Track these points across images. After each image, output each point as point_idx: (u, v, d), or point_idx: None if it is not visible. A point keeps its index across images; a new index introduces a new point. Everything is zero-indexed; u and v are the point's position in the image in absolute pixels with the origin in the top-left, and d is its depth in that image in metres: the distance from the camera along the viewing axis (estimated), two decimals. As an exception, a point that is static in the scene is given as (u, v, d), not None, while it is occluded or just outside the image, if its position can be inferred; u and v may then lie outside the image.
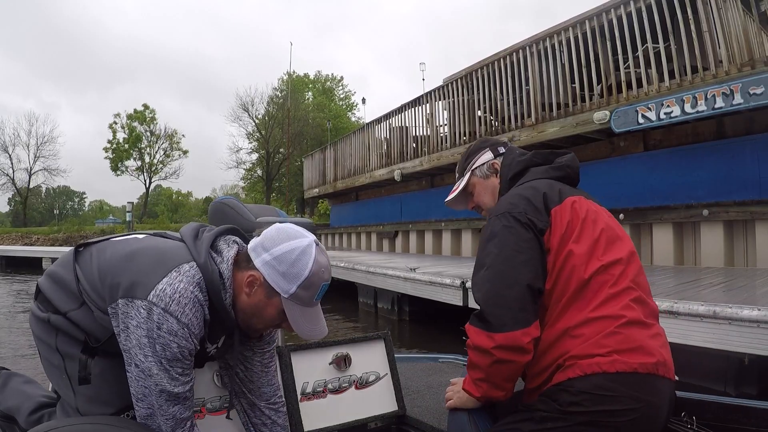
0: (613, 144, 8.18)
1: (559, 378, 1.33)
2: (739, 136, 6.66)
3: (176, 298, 1.29)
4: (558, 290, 1.39)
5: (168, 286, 1.29)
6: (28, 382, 1.84)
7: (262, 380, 1.67)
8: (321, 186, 18.51)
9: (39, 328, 1.50)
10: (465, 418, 1.52)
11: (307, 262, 1.36)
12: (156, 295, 1.28)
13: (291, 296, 1.37)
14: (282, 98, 37.82)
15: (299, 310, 1.40)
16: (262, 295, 1.39)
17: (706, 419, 1.51)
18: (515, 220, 1.43)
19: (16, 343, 6.96)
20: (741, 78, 5.93)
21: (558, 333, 1.35)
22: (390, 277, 7.40)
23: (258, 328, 1.47)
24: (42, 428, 1.27)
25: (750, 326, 3.08)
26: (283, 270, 1.36)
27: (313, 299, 1.40)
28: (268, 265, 1.37)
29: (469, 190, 1.80)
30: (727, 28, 6.26)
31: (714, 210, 6.56)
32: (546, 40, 8.53)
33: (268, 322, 1.44)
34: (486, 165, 1.77)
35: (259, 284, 1.38)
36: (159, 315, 1.27)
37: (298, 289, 1.36)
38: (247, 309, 1.41)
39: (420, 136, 12.48)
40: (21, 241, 29.02)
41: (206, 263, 1.37)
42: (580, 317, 1.35)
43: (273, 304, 1.39)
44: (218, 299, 1.37)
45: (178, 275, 1.32)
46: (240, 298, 1.41)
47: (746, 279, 4.98)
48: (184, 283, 1.31)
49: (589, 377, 1.28)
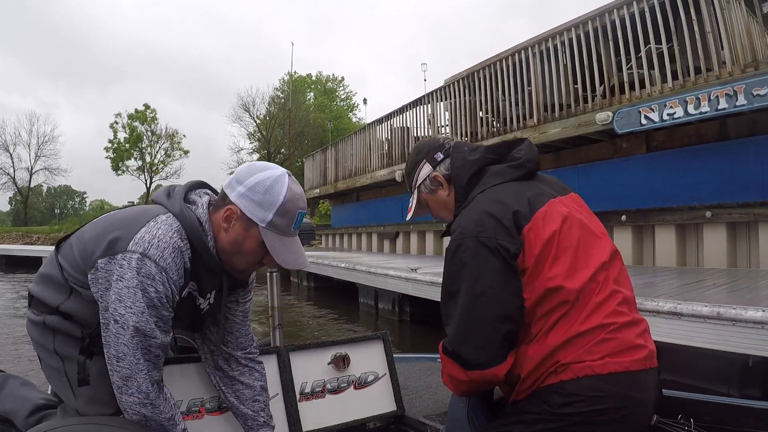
0: (615, 145, 8.15)
1: (550, 381, 1.31)
2: (742, 138, 6.63)
3: (155, 243, 1.30)
4: (543, 309, 1.33)
5: (146, 233, 1.31)
6: (25, 385, 1.83)
7: (241, 330, 1.68)
8: (322, 186, 18.51)
9: (36, 332, 1.50)
10: (464, 419, 1.51)
11: (280, 190, 1.38)
12: (135, 243, 1.30)
13: (268, 224, 1.38)
14: (283, 98, 37.87)
15: (278, 240, 1.41)
16: (240, 229, 1.40)
17: (704, 420, 1.51)
18: (484, 246, 1.33)
19: (15, 343, 6.94)
20: (744, 79, 5.90)
21: (549, 349, 1.31)
22: (391, 278, 7.38)
23: (241, 267, 1.47)
24: (40, 428, 1.26)
25: (754, 327, 3.06)
26: (258, 199, 1.38)
27: (291, 227, 1.42)
28: (243, 196, 1.39)
29: (423, 205, 1.70)
30: (730, 29, 6.24)
31: (717, 212, 6.53)
32: (548, 40, 8.51)
33: (250, 258, 1.44)
34: (428, 179, 1.63)
35: (237, 217, 1.39)
36: (137, 260, 1.28)
37: (274, 216, 1.38)
38: (227, 246, 1.42)
39: (421, 136, 12.45)
40: (21, 240, 29.08)
41: (181, 211, 1.39)
42: (571, 332, 1.30)
43: (252, 236, 1.40)
44: (201, 243, 1.38)
45: (156, 224, 1.34)
46: (219, 236, 1.42)
47: (749, 280, 4.95)
48: (163, 229, 1.33)
49: (581, 380, 1.27)
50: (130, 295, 1.28)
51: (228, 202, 1.40)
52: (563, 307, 1.31)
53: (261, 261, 1.47)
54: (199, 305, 1.52)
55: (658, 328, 3.41)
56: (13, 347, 6.72)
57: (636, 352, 1.31)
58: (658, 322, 3.41)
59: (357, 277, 8.64)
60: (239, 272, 1.51)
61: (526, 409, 1.35)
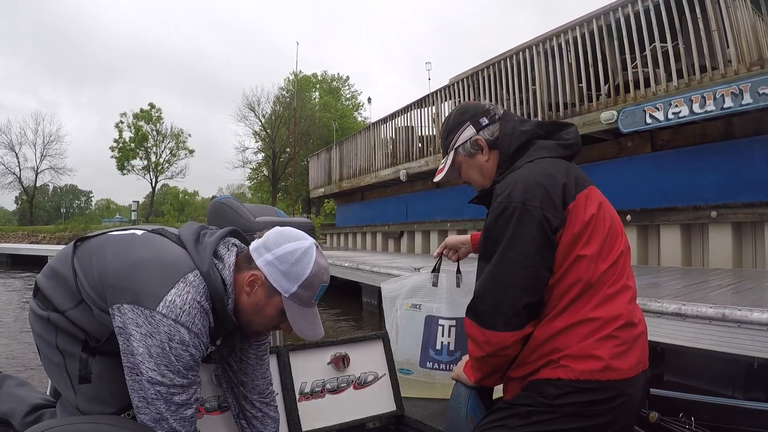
0: (620, 144, 8.12)
1: (548, 374, 1.33)
2: (748, 137, 6.58)
3: (186, 309, 1.30)
4: (561, 288, 1.36)
5: (177, 297, 1.30)
6: (22, 385, 1.83)
7: (256, 373, 1.68)
8: (326, 186, 18.52)
9: (39, 325, 1.49)
10: (463, 419, 1.53)
11: (308, 263, 1.39)
12: (166, 306, 1.29)
13: (291, 295, 1.39)
14: (288, 98, 37.93)
15: (298, 310, 1.41)
16: (262, 295, 1.40)
17: (704, 420, 1.52)
18: (529, 215, 1.34)
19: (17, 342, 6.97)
20: (750, 77, 5.86)
21: (554, 331, 1.35)
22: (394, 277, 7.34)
23: (257, 329, 1.49)
24: (38, 428, 1.25)
25: (760, 329, 3.03)
26: (284, 269, 1.38)
27: (312, 299, 1.43)
28: (270, 264, 1.39)
29: (456, 168, 1.69)
30: (736, 27, 6.20)
31: (722, 211, 6.49)
32: (552, 39, 8.48)
33: (268, 322, 1.45)
34: (469, 142, 1.62)
35: (260, 283, 1.40)
36: (170, 327, 1.28)
37: (298, 288, 1.38)
38: (248, 308, 1.42)
39: (426, 136, 12.45)
40: (27, 239, 29.22)
41: (209, 272, 1.37)
42: (579, 316, 1.34)
43: (273, 304, 1.41)
44: (221, 306, 1.39)
45: (185, 286, 1.33)
46: (241, 298, 1.42)
47: (755, 281, 4.92)
48: (192, 294, 1.32)
49: (581, 382, 1.31)
50: (163, 356, 1.28)
51: (254, 267, 1.41)
52: (578, 287, 1.35)
53: (278, 326, 1.47)
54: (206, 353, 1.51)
55: (662, 329, 3.39)
56: (16, 347, 6.74)
57: (633, 357, 1.35)
58: (663, 323, 3.39)
59: (360, 276, 8.63)
60: (255, 333, 1.52)
61: (518, 403, 1.37)
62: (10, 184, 44.06)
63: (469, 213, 10.58)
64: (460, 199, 11.13)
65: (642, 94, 7.11)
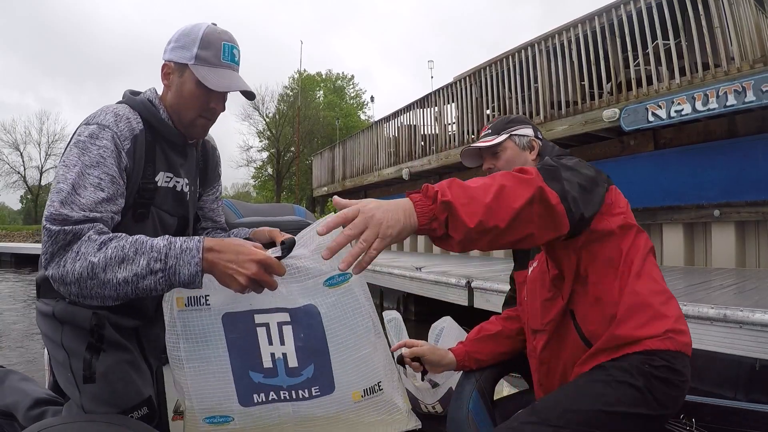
0: (622, 143, 8.08)
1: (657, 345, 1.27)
2: (751, 135, 6.53)
3: (98, 113, 1.38)
4: (633, 250, 1.41)
5: (96, 110, 1.40)
6: (25, 380, 1.86)
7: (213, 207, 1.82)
8: (330, 184, 18.54)
9: (45, 324, 1.50)
10: (464, 419, 1.51)
11: (199, 28, 1.46)
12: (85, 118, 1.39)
13: (196, 59, 1.43)
14: (293, 96, 37.93)
15: (209, 71, 1.44)
16: (176, 78, 1.47)
17: (706, 421, 1.50)
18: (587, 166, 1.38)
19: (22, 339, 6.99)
20: (753, 75, 5.82)
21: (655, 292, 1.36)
22: (396, 277, 7.35)
23: (191, 117, 1.50)
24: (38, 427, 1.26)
25: (762, 330, 3.01)
26: (182, 43, 1.45)
27: (219, 57, 1.46)
28: (171, 50, 1.47)
29: (497, 151, 1.69)
30: (739, 24, 6.16)
31: (725, 210, 6.46)
32: (555, 37, 8.45)
33: (194, 102, 1.47)
34: (527, 138, 1.69)
35: (171, 69, 1.47)
36: (82, 128, 1.35)
37: (198, 50, 1.43)
38: (174, 100, 1.49)
39: (428, 134, 12.44)
40: (31, 238, 29.28)
41: (129, 98, 1.49)
42: (659, 287, 1.38)
43: (187, 79, 1.46)
44: (153, 115, 1.46)
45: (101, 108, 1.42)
46: (166, 98, 1.50)
47: (758, 281, 4.88)
48: (108, 105, 1.42)
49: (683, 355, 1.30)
50: (69, 155, 1.30)
51: (163, 63, 1.49)
52: (645, 254, 1.42)
53: (208, 106, 1.49)
54: (182, 189, 1.58)
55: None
56: (19, 345, 6.75)
57: None
58: (663, 323, 3.35)
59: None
60: (191, 126, 1.53)
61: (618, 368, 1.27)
62: (15, 183, 44.37)
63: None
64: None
65: (644, 92, 7.07)
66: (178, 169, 1.55)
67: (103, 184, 1.28)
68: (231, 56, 1.48)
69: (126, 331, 1.53)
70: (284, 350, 1.35)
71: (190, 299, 1.34)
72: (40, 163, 44.69)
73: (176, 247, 1.17)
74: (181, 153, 1.57)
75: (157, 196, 1.49)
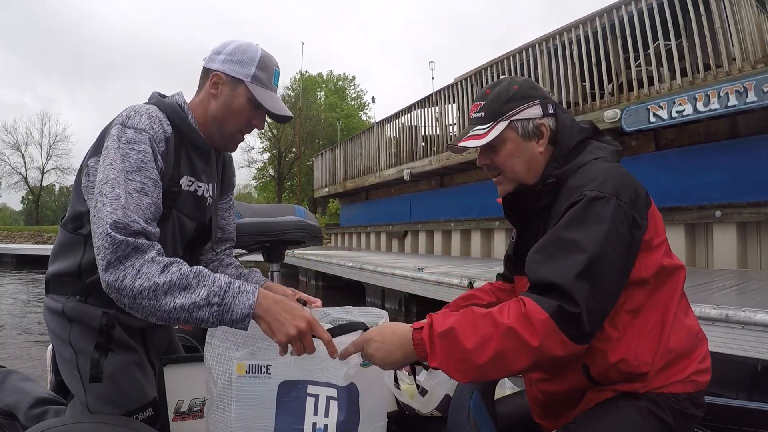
0: (623, 143, 8.06)
1: (685, 389, 1.24)
2: (753, 135, 6.52)
3: (132, 114, 1.39)
4: (668, 288, 1.27)
5: (124, 112, 1.41)
6: (26, 380, 1.86)
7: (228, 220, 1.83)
8: (331, 186, 18.55)
9: (54, 321, 1.50)
10: (464, 419, 1.49)
11: (256, 48, 1.54)
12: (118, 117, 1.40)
13: (253, 78, 1.50)
14: (294, 97, 37.94)
15: (263, 91, 1.52)
16: (227, 90, 1.51)
17: (708, 420, 1.50)
18: (622, 211, 1.16)
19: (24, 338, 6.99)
20: (755, 75, 5.82)
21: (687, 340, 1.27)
22: (398, 278, 7.36)
23: (232, 131, 1.56)
24: (40, 427, 1.26)
25: (764, 331, 3.00)
26: (239, 59, 1.50)
27: (271, 81, 1.55)
28: (226, 61, 1.51)
29: (495, 143, 1.35)
30: (740, 25, 6.16)
31: (727, 211, 6.43)
32: (556, 38, 8.46)
33: (240, 117, 1.53)
34: (532, 122, 1.34)
35: (223, 81, 1.50)
36: (119, 130, 1.35)
37: (256, 69, 1.50)
38: (219, 111, 1.52)
39: (429, 135, 12.44)
40: (33, 239, 29.32)
41: (158, 100, 1.51)
42: (693, 332, 1.30)
43: (240, 94, 1.50)
44: (182, 120, 1.49)
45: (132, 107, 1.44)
46: (210, 106, 1.52)
47: (760, 282, 4.88)
48: (139, 106, 1.44)
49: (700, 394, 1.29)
50: (113, 159, 1.31)
51: (212, 72, 1.51)
52: (680, 298, 1.29)
53: (251, 122, 1.56)
54: (203, 194, 1.60)
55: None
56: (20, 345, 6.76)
57: None
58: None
59: (364, 276, 8.63)
60: (229, 140, 1.58)
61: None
62: (17, 184, 44.49)
63: (473, 212, 10.55)
64: (463, 198, 11.11)
65: (646, 92, 7.07)
66: (200, 174, 1.57)
67: (147, 189, 1.31)
68: (276, 81, 1.58)
69: (133, 332, 1.53)
70: (326, 422, 1.37)
71: (252, 367, 1.36)
72: (42, 164, 44.83)
73: (235, 287, 1.22)
74: (204, 159, 1.60)
75: (179, 200, 1.51)
